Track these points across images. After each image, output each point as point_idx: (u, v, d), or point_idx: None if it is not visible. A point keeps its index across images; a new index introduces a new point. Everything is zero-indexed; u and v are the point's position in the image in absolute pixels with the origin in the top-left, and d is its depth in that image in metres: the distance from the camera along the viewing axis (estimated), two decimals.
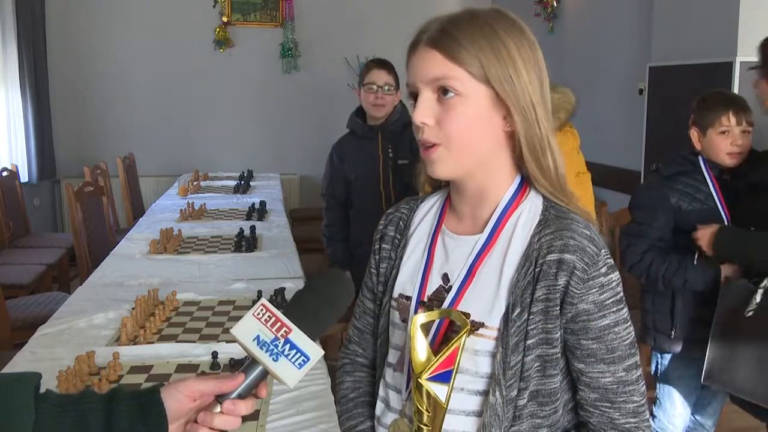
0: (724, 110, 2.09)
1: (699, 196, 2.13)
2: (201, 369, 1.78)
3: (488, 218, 1.02)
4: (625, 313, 0.97)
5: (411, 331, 0.97)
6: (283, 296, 2.25)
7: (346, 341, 1.23)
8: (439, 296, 1.03)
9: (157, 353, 1.87)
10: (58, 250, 4.35)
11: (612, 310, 0.96)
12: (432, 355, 0.96)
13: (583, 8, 4.98)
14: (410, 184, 1.22)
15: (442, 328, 1.00)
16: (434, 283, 1.04)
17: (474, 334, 0.98)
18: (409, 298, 1.06)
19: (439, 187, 1.13)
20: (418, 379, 0.94)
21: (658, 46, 3.74)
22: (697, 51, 3.37)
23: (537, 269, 0.96)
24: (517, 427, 0.97)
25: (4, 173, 4.73)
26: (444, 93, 0.95)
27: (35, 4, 5.60)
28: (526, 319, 0.95)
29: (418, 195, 1.17)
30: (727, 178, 2.16)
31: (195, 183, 5.17)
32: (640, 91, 4.04)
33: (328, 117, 6.45)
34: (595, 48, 4.76)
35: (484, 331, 0.97)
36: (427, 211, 1.12)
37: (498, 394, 0.95)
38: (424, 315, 0.99)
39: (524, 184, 1.02)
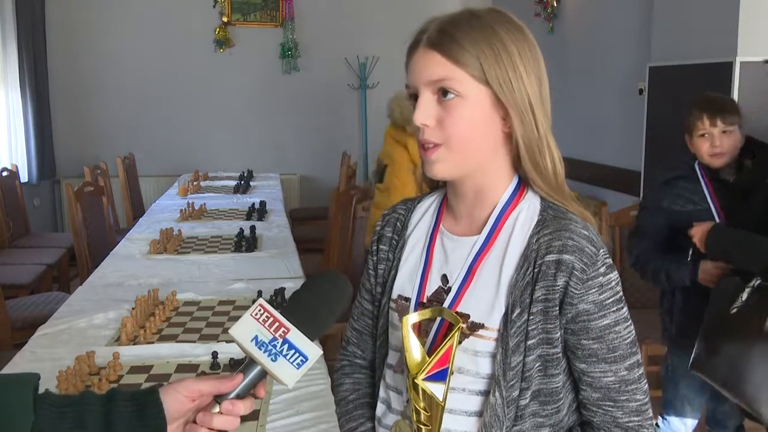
0: (699, 114, 2.16)
1: (695, 198, 2.20)
2: (201, 369, 1.78)
3: (486, 219, 1.02)
4: (625, 312, 0.97)
5: (403, 331, 0.97)
6: (283, 296, 2.25)
7: (344, 342, 1.22)
8: (438, 297, 1.03)
9: (157, 353, 1.87)
10: (58, 250, 4.35)
11: (612, 310, 0.96)
12: (426, 355, 0.96)
13: (583, 8, 4.97)
14: None
15: (443, 328, 1.00)
16: (433, 284, 1.04)
17: (474, 335, 0.98)
18: (408, 299, 1.06)
19: (437, 188, 1.12)
20: (414, 379, 0.94)
21: (658, 46, 3.74)
22: (697, 51, 3.37)
23: (536, 270, 0.95)
24: (519, 427, 0.97)
25: (4, 173, 4.73)
26: (444, 94, 0.95)
27: (35, 4, 5.60)
28: (526, 320, 0.95)
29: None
30: (728, 178, 2.17)
31: (195, 183, 5.17)
32: (640, 91, 4.03)
33: (328, 117, 6.47)
34: (595, 48, 4.75)
35: (485, 332, 0.97)
36: (424, 211, 1.11)
37: (498, 394, 0.95)
38: (416, 314, 0.99)
39: (522, 185, 1.02)
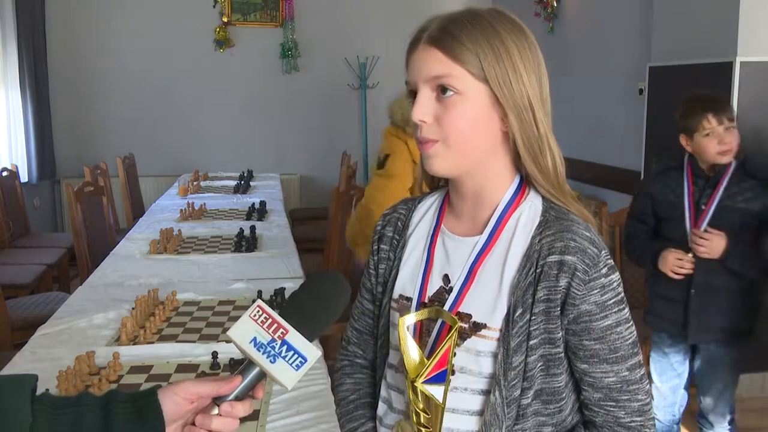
0: (704, 114, 2.18)
1: (677, 191, 2.30)
2: (201, 369, 1.78)
3: (488, 219, 1.01)
4: (626, 312, 0.97)
5: (399, 333, 0.96)
6: (282, 296, 2.25)
7: (345, 342, 1.22)
8: (440, 297, 1.02)
9: (157, 353, 1.87)
10: (58, 250, 4.34)
11: (614, 311, 0.96)
12: (423, 357, 0.95)
13: (583, 8, 4.97)
14: None
15: (444, 330, 1.00)
16: (435, 284, 1.04)
17: (476, 335, 0.97)
18: (409, 299, 1.05)
19: (437, 187, 1.12)
20: (413, 382, 0.94)
21: (658, 46, 3.74)
22: (697, 51, 3.36)
23: (538, 270, 0.95)
24: (521, 425, 0.97)
25: (4, 173, 4.73)
26: (443, 91, 0.95)
27: (35, 4, 5.60)
28: (528, 320, 0.95)
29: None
30: (710, 174, 2.24)
31: (195, 183, 5.16)
32: (640, 91, 4.03)
33: (327, 117, 6.46)
34: (595, 48, 4.75)
35: (487, 332, 0.97)
36: (425, 211, 1.11)
37: (498, 393, 0.95)
38: (412, 315, 0.99)
39: (523, 185, 1.02)
